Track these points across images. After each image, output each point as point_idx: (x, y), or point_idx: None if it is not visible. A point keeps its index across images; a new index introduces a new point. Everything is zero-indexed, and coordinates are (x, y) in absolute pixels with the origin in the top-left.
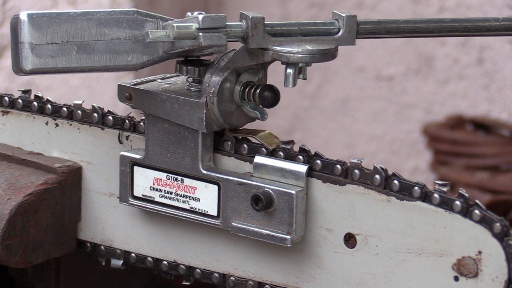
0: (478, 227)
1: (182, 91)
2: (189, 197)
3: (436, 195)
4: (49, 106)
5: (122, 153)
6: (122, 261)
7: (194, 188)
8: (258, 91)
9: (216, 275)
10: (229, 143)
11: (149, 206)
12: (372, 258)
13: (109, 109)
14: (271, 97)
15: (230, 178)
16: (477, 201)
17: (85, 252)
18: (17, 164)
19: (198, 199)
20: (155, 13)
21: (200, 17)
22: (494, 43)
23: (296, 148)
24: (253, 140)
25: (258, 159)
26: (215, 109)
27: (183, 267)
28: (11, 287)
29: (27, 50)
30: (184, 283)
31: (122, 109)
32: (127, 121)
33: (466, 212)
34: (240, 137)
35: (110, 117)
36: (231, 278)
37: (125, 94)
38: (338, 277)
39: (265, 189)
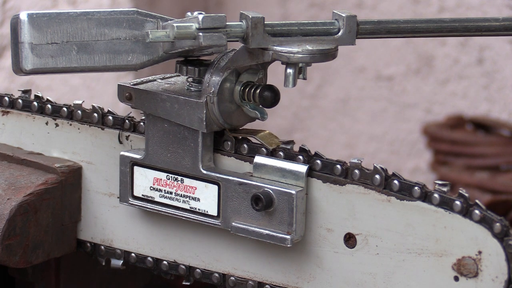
0: (478, 227)
1: (182, 91)
2: (189, 197)
3: (436, 195)
4: (49, 106)
5: (122, 153)
6: (122, 261)
7: (194, 188)
8: (258, 91)
9: (216, 275)
10: (229, 143)
11: (149, 206)
12: (372, 258)
13: (109, 109)
14: (271, 97)
15: (230, 178)
16: (477, 201)
17: (85, 252)
18: (17, 164)
19: (198, 199)
20: (155, 13)
21: (200, 17)
22: (494, 43)
23: (296, 148)
24: (253, 140)
25: (258, 159)
26: (215, 109)
27: (183, 267)
28: (11, 287)
29: (27, 50)
30: (184, 283)
31: (122, 109)
32: (127, 121)
33: (466, 212)
34: (240, 137)
35: (110, 117)
36: (231, 278)
37: (125, 94)
38: (338, 277)
39: (265, 189)
